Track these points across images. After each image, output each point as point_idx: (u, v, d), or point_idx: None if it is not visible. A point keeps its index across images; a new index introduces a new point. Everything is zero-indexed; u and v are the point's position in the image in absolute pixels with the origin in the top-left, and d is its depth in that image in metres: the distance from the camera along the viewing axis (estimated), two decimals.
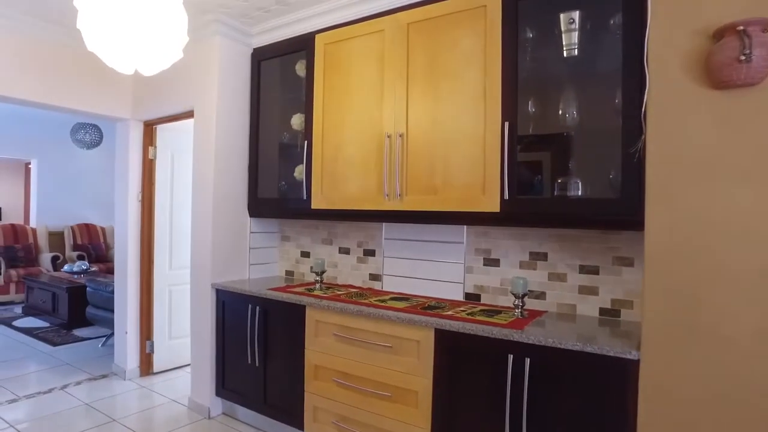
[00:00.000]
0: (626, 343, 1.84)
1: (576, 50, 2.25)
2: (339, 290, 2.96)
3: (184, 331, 4.03)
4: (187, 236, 3.97)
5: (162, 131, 3.92)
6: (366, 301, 2.58)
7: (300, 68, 3.16)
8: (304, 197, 2.97)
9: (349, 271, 3.21)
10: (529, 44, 2.33)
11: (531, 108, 2.34)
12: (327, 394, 2.57)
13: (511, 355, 1.97)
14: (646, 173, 1.71)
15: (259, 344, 2.87)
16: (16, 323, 5.86)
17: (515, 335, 1.97)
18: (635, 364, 1.72)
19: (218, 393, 3.17)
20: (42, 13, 3.16)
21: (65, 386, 3.72)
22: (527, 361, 1.93)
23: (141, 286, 3.90)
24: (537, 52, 2.35)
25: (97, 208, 8.59)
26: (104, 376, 3.94)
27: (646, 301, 1.70)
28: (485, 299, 2.65)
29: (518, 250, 2.55)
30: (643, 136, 1.78)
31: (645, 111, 1.72)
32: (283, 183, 3.34)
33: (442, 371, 2.18)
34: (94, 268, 6.72)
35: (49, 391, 3.63)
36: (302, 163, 3.00)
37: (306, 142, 2.98)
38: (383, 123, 2.64)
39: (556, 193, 2.26)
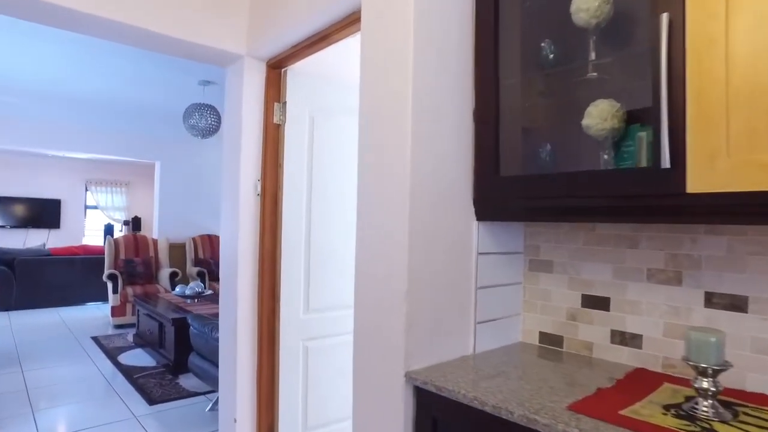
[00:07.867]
0: None
1: None
2: None
3: (328, 418, 2.38)
4: (334, 256, 2.34)
5: (295, 77, 2.32)
6: None
7: None
8: (667, 164, 1.09)
9: (760, 359, 1.25)
10: None
11: None
12: None
13: None
14: None
15: None
16: (121, 357, 4.79)
17: None
18: None
19: None
20: None
21: None
22: None
23: (259, 340, 2.30)
24: None
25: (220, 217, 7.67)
26: None
27: None
28: None
29: None
30: None
31: None
32: (549, 146, 1.51)
33: None
34: (209, 292, 5.50)
35: None
36: (604, 95, 1.14)
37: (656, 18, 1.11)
38: None
39: None
